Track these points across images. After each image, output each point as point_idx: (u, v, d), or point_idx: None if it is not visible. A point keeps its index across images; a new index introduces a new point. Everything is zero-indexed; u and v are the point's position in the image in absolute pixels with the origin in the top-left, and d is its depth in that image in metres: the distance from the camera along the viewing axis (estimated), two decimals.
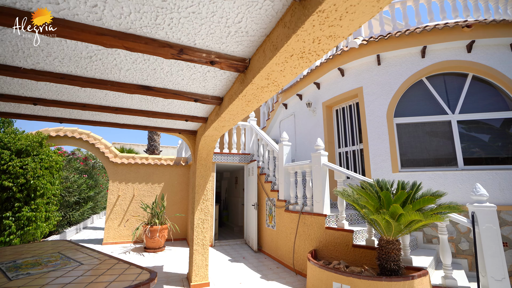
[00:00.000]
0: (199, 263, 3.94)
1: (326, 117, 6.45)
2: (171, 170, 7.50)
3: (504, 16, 5.62)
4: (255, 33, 1.60)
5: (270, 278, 4.24)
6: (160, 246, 5.95)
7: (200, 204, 4.14)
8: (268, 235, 5.69)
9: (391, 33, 5.37)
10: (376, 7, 1.03)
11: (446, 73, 5.18)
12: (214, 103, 2.85)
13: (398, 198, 2.89)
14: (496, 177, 4.41)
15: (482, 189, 3.20)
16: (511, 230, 4.13)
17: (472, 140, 4.89)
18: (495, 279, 2.87)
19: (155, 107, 3.29)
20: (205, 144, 4.07)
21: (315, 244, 4.12)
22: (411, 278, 2.84)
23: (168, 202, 7.23)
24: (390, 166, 4.99)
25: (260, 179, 6.21)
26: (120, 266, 2.01)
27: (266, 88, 1.86)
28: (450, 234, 4.36)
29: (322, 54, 1.38)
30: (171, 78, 2.36)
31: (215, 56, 1.85)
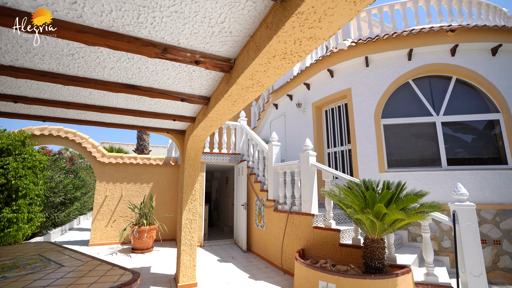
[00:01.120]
0: (187, 264, 3.92)
1: (316, 118, 6.51)
2: (161, 170, 7.42)
3: (485, 21, 5.81)
4: (239, 33, 1.61)
5: (259, 277, 4.25)
6: (148, 247, 5.88)
7: (188, 204, 4.11)
8: (257, 235, 5.70)
9: (379, 35, 5.46)
10: (353, 10, 1.05)
11: (431, 75, 5.31)
12: (201, 102, 2.84)
13: (382, 198, 2.95)
14: (477, 177, 4.56)
15: (463, 189, 3.30)
16: (489, 228, 4.28)
17: (455, 141, 5.03)
18: (473, 275, 2.97)
19: (141, 106, 3.25)
20: (193, 144, 4.05)
21: (303, 244, 4.16)
22: (394, 276, 2.91)
23: (157, 202, 7.15)
24: (377, 166, 5.08)
25: (250, 179, 6.22)
26: (103, 267, 1.98)
27: (251, 88, 1.87)
28: (434, 233, 4.48)
29: (304, 56, 1.40)
30: (157, 77, 2.34)
31: (199, 55, 1.84)
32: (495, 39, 4.93)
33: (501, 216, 4.31)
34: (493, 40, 4.92)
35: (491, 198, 4.46)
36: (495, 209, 4.35)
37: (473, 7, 5.83)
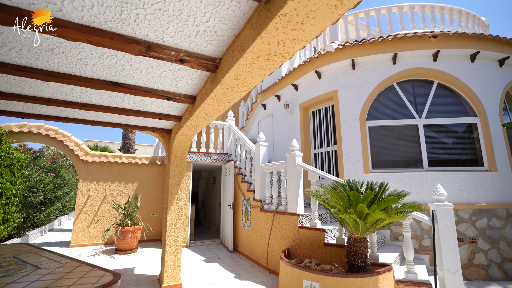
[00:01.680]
0: (171, 264, 3.87)
1: (303, 119, 6.58)
2: (146, 169, 7.29)
3: (465, 29, 6.05)
4: (224, 33, 1.60)
5: (244, 277, 4.25)
6: (132, 247, 5.76)
7: (173, 204, 4.06)
8: (243, 235, 5.70)
9: (365, 39, 5.58)
10: (335, 14, 1.07)
11: (414, 79, 5.48)
12: (187, 101, 2.81)
13: (365, 198, 3.01)
14: (456, 178, 4.74)
15: (442, 189, 3.42)
16: (466, 227, 4.46)
17: (436, 143, 5.21)
18: (450, 272, 3.09)
19: (126, 104, 3.18)
20: (180, 143, 4.00)
21: (289, 243, 4.19)
22: (376, 274, 2.98)
23: (143, 202, 7.02)
24: (362, 167, 5.19)
25: (236, 179, 6.21)
26: (82, 269, 1.92)
27: (236, 88, 1.87)
28: (415, 232, 4.62)
29: (288, 57, 1.41)
30: (141, 75, 2.30)
31: (184, 54, 1.83)
32: (473, 46, 5.14)
33: (477, 216, 4.50)
34: (472, 47, 5.14)
35: (468, 198, 4.65)
36: (471, 208, 4.53)
37: (454, 15, 6.06)
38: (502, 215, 4.53)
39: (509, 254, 4.39)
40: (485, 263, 4.32)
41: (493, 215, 4.51)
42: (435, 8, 5.91)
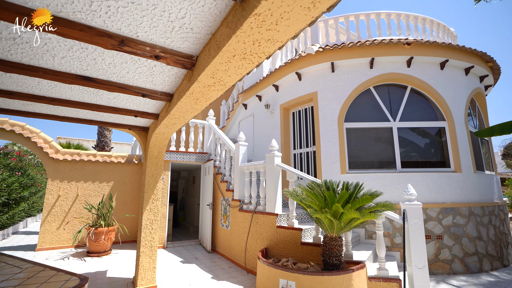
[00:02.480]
0: (146, 266, 3.76)
1: (283, 119, 6.65)
2: (123, 168, 7.03)
3: (436, 38, 6.40)
4: (201, 30, 1.58)
5: (221, 278, 4.22)
6: (105, 249, 5.52)
7: (149, 204, 3.95)
8: (222, 235, 5.66)
9: (344, 43, 5.73)
10: (308, 16, 1.09)
11: (390, 84, 5.71)
12: (163, 99, 2.74)
13: (340, 198, 3.10)
14: (425, 179, 5.00)
15: (412, 190, 3.59)
16: (434, 225, 4.72)
17: (409, 145, 5.47)
18: (418, 267, 3.25)
19: (99, 100, 3.05)
20: (157, 142, 3.90)
21: (267, 243, 4.21)
22: (350, 272, 3.07)
23: (118, 202, 6.76)
24: (339, 168, 5.33)
25: (216, 179, 6.16)
26: (45, 273, 1.81)
27: (213, 87, 1.85)
28: (387, 230, 4.81)
29: (264, 57, 1.42)
30: (115, 70, 2.21)
31: (160, 50, 1.78)
32: (443, 55, 5.45)
33: (443, 214, 4.77)
34: (442, 55, 5.44)
35: (436, 198, 4.92)
36: (439, 207, 4.80)
37: (427, 24, 6.39)
38: (465, 213, 4.84)
39: (470, 249, 4.70)
40: (449, 258, 4.59)
41: (457, 213, 4.81)
42: (410, 16, 6.20)
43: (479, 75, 6.24)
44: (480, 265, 4.71)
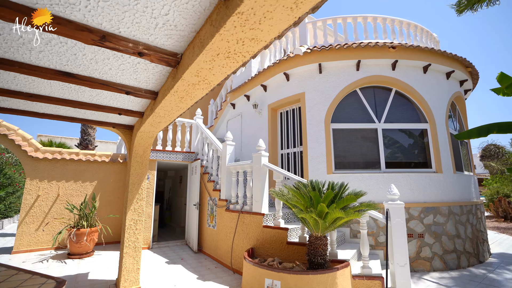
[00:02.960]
0: (130, 267, 3.67)
1: (271, 119, 6.67)
2: (107, 167, 6.85)
3: (420, 43, 6.59)
4: (185, 28, 1.56)
5: (207, 278, 4.19)
6: (88, 251, 5.36)
7: (133, 204, 3.86)
8: (208, 235, 5.61)
9: (332, 45, 5.81)
10: (291, 16, 1.09)
11: (375, 86, 5.84)
12: (148, 97, 2.68)
13: (326, 198, 3.13)
14: (408, 179, 5.14)
15: (395, 189, 3.68)
16: (416, 224, 4.86)
17: (393, 146, 5.61)
18: (400, 265, 3.34)
19: (81, 97, 2.95)
20: (142, 141, 3.82)
21: (253, 243, 4.21)
22: (334, 270, 3.11)
23: (102, 202, 6.58)
24: (325, 168, 5.39)
25: (203, 178, 6.10)
26: (19, 277, 1.74)
27: (198, 85, 1.83)
28: (372, 229, 4.91)
29: (248, 56, 1.41)
30: (97, 67, 2.15)
31: (143, 47, 1.74)
32: (426, 59, 5.63)
33: (425, 213, 4.92)
34: (425, 60, 5.61)
35: (418, 198, 5.07)
36: (420, 207, 4.95)
37: (411, 29, 6.57)
38: (445, 212, 5.02)
39: (449, 247, 4.88)
40: (430, 255, 4.74)
41: (437, 212, 4.98)
42: (395, 21, 6.36)
43: (459, 79, 6.48)
44: (458, 261, 4.89)
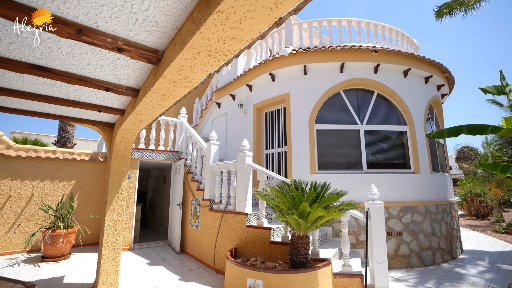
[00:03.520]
0: (108, 269, 3.56)
1: (256, 119, 6.68)
2: (86, 166, 6.60)
3: (401, 48, 6.82)
4: (166, 24, 1.52)
5: (189, 279, 4.13)
6: (64, 253, 5.15)
7: (113, 204, 3.75)
8: (192, 235, 5.54)
9: (317, 47, 5.89)
10: (271, 16, 1.09)
11: (358, 88, 5.98)
12: (129, 94, 2.61)
13: (308, 197, 3.17)
14: (388, 179, 5.30)
15: (375, 189, 3.79)
16: (395, 222, 5.02)
17: (374, 147, 5.76)
18: (378, 263, 3.44)
19: (58, 93, 2.83)
20: (123, 139, 3.71)
21: (236, 243, 4.20)
22: (316, 269, 3.16)
23: (81, 202, 6.33)
24: (309, 168, 5.46)
25: (186, 178, 6.02)
26: None
27: (179, 83, 1.80)
28: (353, 228, 5.03)
29: (230, 55, 1.41)
30: (74, 61, 2.06)
31: (122, 43, 1.69)
32: (406, 63, 5.83)
33: (403, 212, 5.10)
34: (405, 64, 5.81)
35: (398, 197, 5.25)
36: (399, 206, 5.12)
37: (393, 34, 6.78)
38: (422, 211, 5.22)
39: (425, 244, 5.08)
40: (407, 253, 4.92)
41: (415, 211, 5.17)
42: (378, 26, 6.54)
43: (437, 84, 6.76)
44: (433, 258, 5.10)
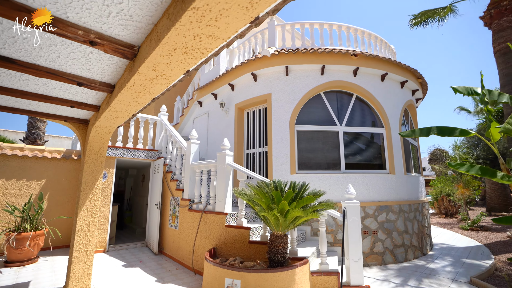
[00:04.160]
0: (79, 273, 3.41)
1: (238, 119, 6.66)
2: (58, 164, 6.27)
3: (379, 53, 7.07)
4: (141, 19, 1.48)
5: (167, 280, 4.05)
6: (31, 257, 4.85)
7: (86, 204, 3.59)
8: (170, 236, 5.43)
9: (299, 48, 5.98)
10: (247, 15, 1.10)
11: (338, 90, 6.13)
12: (104, 90, 2.51)
13: (287, 197, 3.21)
14: (365, 180, 5.48)
15: (352, 189, 3.90)
16: (371, 221, 5.20)
17: (352, 148, 5.93)
18: (354, 260, 3.55)
19: (24, 86, 2.66)
20: (98, 136, 3.57)
21: (215, 243, 4.17)
22: (293, 268, 3.20)
23: (52, 202, 6.01)
24: (289, 168, 5.53)
25: (166, 177, 5.89)
26: None
27: (155, 80, 1.75)
28: (331, 227, 5.15)
29: (206, 53, 1.39)
30: (42, 53, 1.95)
31: (95, 36, 1.62)
32: (384, 68, 6.05)
33: (379, 211, 5.30)
34: (382, 69, 6.04)
35: (374, 197, 5.44)
36: (375, 205, 5.31)
37: (372, 39, 7.02)
38: (396, 210, 5.45)
39: (398, 242, 5.31)
40: (382, 250, 5.11)
41: (390, 210, 5.39)
42: (358, 30, 6.75)
43: (412, 89, 7.08)
44: (406, 255, 5.34)
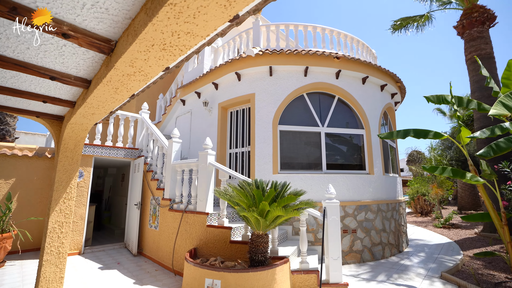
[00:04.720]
0: (51, 277, 3.24)
1: (221, 118, 6.62)
2: (30, 162, 5.95)
3: (360, 56, 7.27)
4: (118, 13, 1.43)
5: (145, 282, 3.95)
6: None
7: (59, 204, 3.42)
8: (150, 236, 5.30)
9: (283, 49, 6.02)
10: (225, 14, 1.09)
11: (321, 92, 6.24)
12: (80, 85, 2.41)
13: (268, 196, 3.23)
14: (346, 180, 5.62)
15: (332, 189, 3.98)
16: (350, 220, 5.34)
17: (334, 149, 6.06)
18: (333, 259, 3.63)
19: None
20: (73, 133, 3.41)
21: (196, 243, 4.12)
22: (274, 267, 3.23)
23: (22, 203, 5.68)
24: (271, 168, 5.56)
25: (146, 176, 5.74)
26: None
27: (133, 76, 1.70)
28: (312, 226, 5.23)
29: (186, 50, 1.37)
30: (8, 44, 1.84)
31: (68, 28, 1.55)
32: (365, 71, 6.23)
33: (358, 211, 5.45)
34: (364, 72, 6.21)
35: (353, 197, 5.58)
36: (355, 205, 5.46)
37: (354, 43, 7.21)
38: (374, 210, 5.63)
39: (376, 240, 5.49)
40: (361, 249, 5.26)
41: (368, 209, 5.55)
42: (341, 34, 6.90)
43: (391, 92, 7.34)
44: (383, 252, 5.53)
